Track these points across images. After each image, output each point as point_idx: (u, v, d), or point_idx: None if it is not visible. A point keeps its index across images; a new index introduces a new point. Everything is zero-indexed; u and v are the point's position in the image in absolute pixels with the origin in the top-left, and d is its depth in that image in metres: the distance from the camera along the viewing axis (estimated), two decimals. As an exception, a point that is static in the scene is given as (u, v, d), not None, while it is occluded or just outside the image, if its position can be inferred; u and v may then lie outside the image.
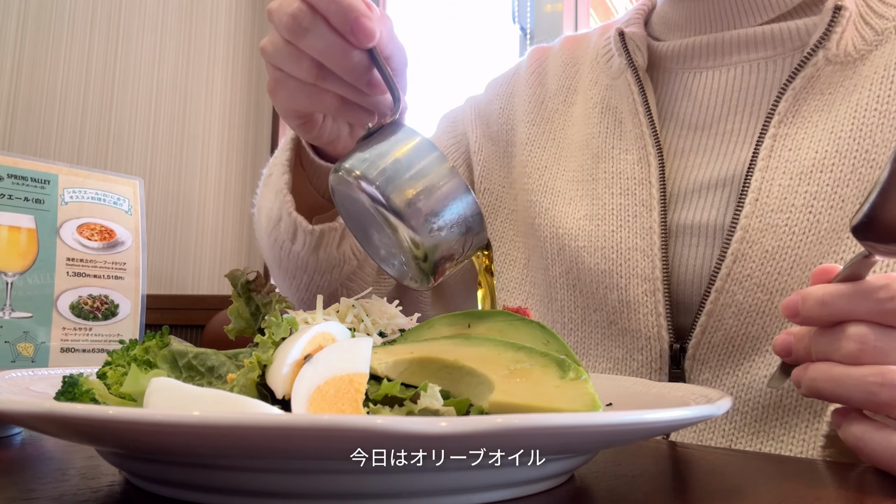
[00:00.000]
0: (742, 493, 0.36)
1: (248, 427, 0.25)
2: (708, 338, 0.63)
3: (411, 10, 2.52)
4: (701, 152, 0.69)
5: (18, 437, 0.48)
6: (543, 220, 0.74)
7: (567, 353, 0.38)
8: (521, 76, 0.86)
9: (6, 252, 0.73)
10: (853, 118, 0.61)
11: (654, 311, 0.65)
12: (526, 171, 0.78)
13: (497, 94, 0.87)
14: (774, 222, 0.61)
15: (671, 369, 0.65)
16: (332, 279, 0.75)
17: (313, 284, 0.76)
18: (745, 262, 0.61)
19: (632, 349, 0.67)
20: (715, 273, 0.62)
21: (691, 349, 0.63)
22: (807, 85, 0.64)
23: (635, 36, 0.74)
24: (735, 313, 0.61)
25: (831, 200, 0.60)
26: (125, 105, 2.42)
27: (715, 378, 0.62)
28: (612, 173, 0.71)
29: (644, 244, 0.66)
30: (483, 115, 0.86)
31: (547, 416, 0.28)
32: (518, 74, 0.87)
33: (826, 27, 0.63)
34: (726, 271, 0.61)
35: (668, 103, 0.73)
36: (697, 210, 0.66)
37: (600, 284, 0.68)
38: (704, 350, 0.63)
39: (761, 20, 0.69)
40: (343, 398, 0.33)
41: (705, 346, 0.63)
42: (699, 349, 0.63)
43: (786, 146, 0.63)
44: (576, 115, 0.79)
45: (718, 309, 0.62)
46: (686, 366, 0.64)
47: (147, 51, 2.45)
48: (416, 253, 0.45)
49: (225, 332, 0.48)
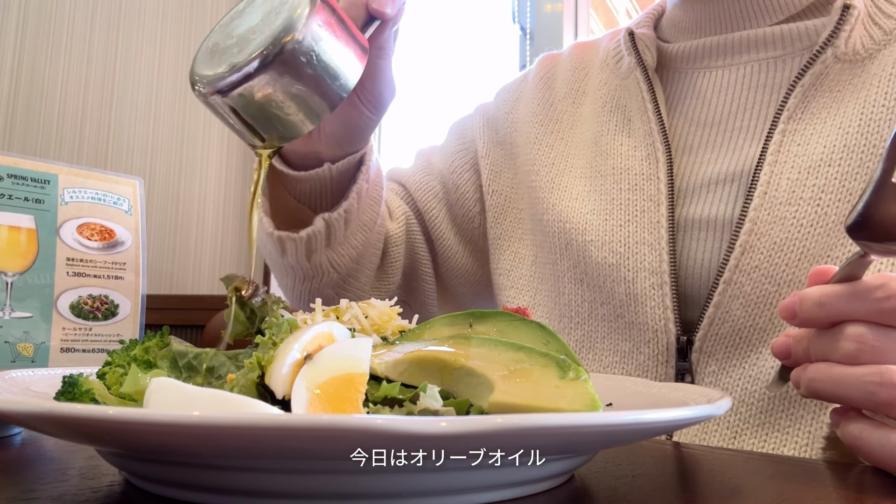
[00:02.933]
0: (742, 493, 0.36)
1: (248, 427, 0.25)
2: (715, 329, 0.63)
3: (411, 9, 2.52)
4: (709, 148, 0.69)
5: (18, 437, 0.48)
6: (551, 216, 0.75)
7: (567, 352, 0.38)
8: (529, 82, 0.87)
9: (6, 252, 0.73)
10: (861, 114, 0.62)
11: (661, 304, 0.65)
12: (534, 168, 0.79)
13: (505, 100, 0.88)
14: (783, 214, 0.61)
15: (678, 362, 0.65)
16: (325, 283, 0.76)
17: (312, 290, 0.77)
18: (754, 253, 0.61)
19: (639, 342, 0.67)
20: (723, 265, 0.62)
21: (698, 341, 0.64)
22: (815, 82, 0.64)
23: (645, 37, 0.75)
24: (743, 304, 0.62)
25: (839, 194, 0.61)
26: (125, 105, 2.42)
27: (721, 370, 0.63)
28: (619, 169, 0.72)
29: (651, 238, 0.67)
30: (491, 121, 0.87)
31: (547, 416, 0.28)
32: (526, 80, 0.88)
33: (835, 26, 0.64)
34: (735, 263, 0.62)
35: (676, 101, 0.73)
36: (705, 204, 0.66)
37: (608, 278, 0.69)
38: (712, 342, 0.63)
39: (771, 22, 0.70)
40: (343, 398, 0.33)
41: (713, 338, 0.63)
42: (706, 341, 0.63)
43: (794, 141, 0.63)
44: (584, 114, 0.79)
45: (726, 300, 0.62)
46: (693, 358, 0.64)
47: (147, 51, 2.45)
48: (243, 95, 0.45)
49: (222, 336, 0.48)
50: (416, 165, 0.91)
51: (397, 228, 0.85)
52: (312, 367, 0.34)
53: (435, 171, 0.89)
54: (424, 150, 0.93)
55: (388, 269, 0.84)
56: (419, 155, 0.92)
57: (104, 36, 2.42)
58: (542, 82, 0.85)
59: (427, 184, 0.88)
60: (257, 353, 0.36)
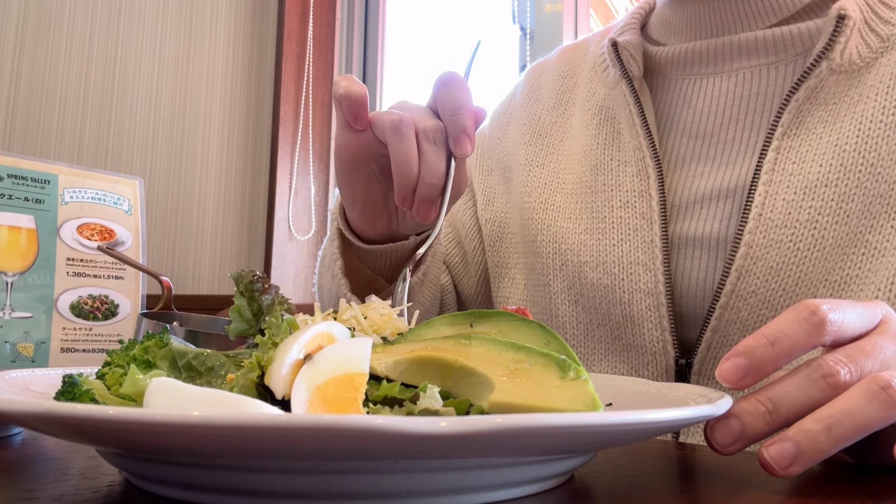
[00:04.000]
0: (742, 494, 0.36)
1: (248, 427, 0.25)
2: (714, 353, 0.62)
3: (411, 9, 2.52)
4: (702, 162, 0.68)
5: (18, 437, 0.48)
6: (545, 237, 0.74)
7: (567, 353, 0.37)
8: (517, 101, 0.86)
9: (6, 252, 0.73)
10: (858, 130, 0.60)
11: (658, 325, 0.64)
12: (526, 190, 0.78)
13: (496, 126, 0.87)
14: (779, 238, 0.60)
15: None
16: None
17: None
18: (750, 278, 0.60)
19: (637, 364, 0.66)
20: (719, 289, 0.61)
21: (697, 364, 0.63)
22: (810, 96, 0.62)
23: (629, 45, 0.72)
24: (740, 329, 0.61)
25: (836, 216, 0.59)
26: (125, 105, 2.42)
27: (723, 392, 0.62)
28: (611, 186, 0.70)
29: (646, 258, 0.66)
30: (485, 150, 0.87)
31: (547, 416, 0.28)
32: (514, 100, 0.87)
33: (829, 36, 0.62)
34: (730, 288, 0.61)
35: (667, 111, 0.71)
36: (699, 222, 0.65)
37: (603, 300, 0.68)
38: (710, 365, 0.63)
39: (764, 24, 0.67)
40: (343, 398, 0.33)
41: (711, 361, 0.62)
42: (705, 364, 0.63)
43: (789, 159, 0.62)
44: (573, 126, 0.78)
45: (723, 325, 0.61)
46: (692, 381, 0.63)
47: (147, 51, 2.45)
48: None
49: (226, 331, 0.48)
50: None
51: (445, 278, 0.86)
52: (312, 367, 0.34)
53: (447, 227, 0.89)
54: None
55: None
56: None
57: (104, 36, 2.42)
58: (528, 98, 0.84)
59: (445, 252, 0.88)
60: (257, 353, 0.36)
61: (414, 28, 2.48)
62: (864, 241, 0.59)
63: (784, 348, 0.39)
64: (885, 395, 0.37)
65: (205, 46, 2.50)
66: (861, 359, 0.39)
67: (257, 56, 2.49)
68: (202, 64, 2.49)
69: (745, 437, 0.38)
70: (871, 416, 0.37)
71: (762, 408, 0.38)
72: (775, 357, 0.39)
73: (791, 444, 0.36)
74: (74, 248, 0.78)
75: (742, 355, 0.39)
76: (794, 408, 0.38)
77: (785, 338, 0.39)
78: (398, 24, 2.42)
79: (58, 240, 0.77)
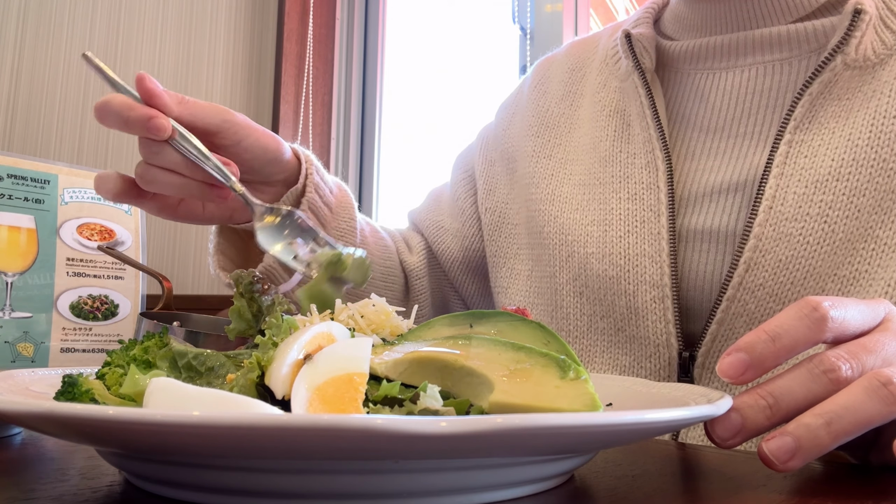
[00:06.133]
0: (742, 494, 0.36)
1: (248, 427, 0.25)
2: (718, 346, 0.62)
3: (411, 10, 2.52)
4: (712, 155, 0.68)
5: (18, 437, 0.48)
6: (552, 228, 0.74)
7: (567, 353, 0.37)
8: (525, 93, 0.86)
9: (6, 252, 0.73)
10: (871, 126, 0.60)
11: (662, 318, 0.64)
12: (533, 181, 0.78)
13: (502, 118, 0.88)
14: (788, 231, 0.60)
15: (680, 377, 0.64)
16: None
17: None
18: (758, 271, 0.60)
19: (640, 356, 0.66)
20: (727, 281, 0.61)
21: (701, 357, 0.63)
22: (824, 90, 0.62)
23: (642, 37, 0.72)
24: (746, 322, 0.61)
25: (847, 210, 0.59)
26: (125, 105, 2.42)
27: (725, 387, 0.62)
28: (619, 177, 0.70)
29: (652, 250, 0.66)
30: (490, 140, 0.88)
31: (547, 416, 0.28)
32: (521, 92, 0.87)
33: (845, 31, 0.62)
34: (738, 280, 0.60)
35: (678, 105, 0.71)
36: (708, 215, 0.65)
37: (608, 291, 0.68)
38: (714, 358, 0.62)
39: (781, 22, 0.67)
40: (343, 398, 0.33)
41: (715, 354, 0.62)
42: (709, 357, 0.63)
43: (802, 153, 0.62)
44: (582, 118, 0.78)
45: (730, 318, 0.61)
46: (695, 374, 0.63)
47: (147, 51, 2.45)
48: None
49: (225, 332, 0.48)
50: (426, 203, 0.93)
51: (417, 261, 0.87)
52: (312, 367, 0.34)
53: (443, 205, 0.90)
54: (436, 188, 0.95)
55: (415, 300, 0.86)
56: (430, 194, 0.95)
57: (104, 36, 2.42)
58: (536, 90, 0.84)
59: (434, 219, 0.89)
60: (257, 353, 0.36)
61: (414, 28, 2.48)
62: (874, 236, 0.59)
63: (785, 344, 0.39)
64: (885, 391, 0.37)
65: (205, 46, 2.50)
66: (863, 355, 0.39)
67: (257, 56, 2.49)
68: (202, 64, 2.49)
69: (745, 430, 0.38)
70: (871, 411, 0.37)
71: (763, 402, 0.38)
72: (776, 353, 0.39)
73: (791, 439, 0.36)
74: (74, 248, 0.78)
75: (743, 351, 0.39)
76: (795, 402, 0.38)
77: (786, 334, 0.39)
78: (398, 24, 2.42)
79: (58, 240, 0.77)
